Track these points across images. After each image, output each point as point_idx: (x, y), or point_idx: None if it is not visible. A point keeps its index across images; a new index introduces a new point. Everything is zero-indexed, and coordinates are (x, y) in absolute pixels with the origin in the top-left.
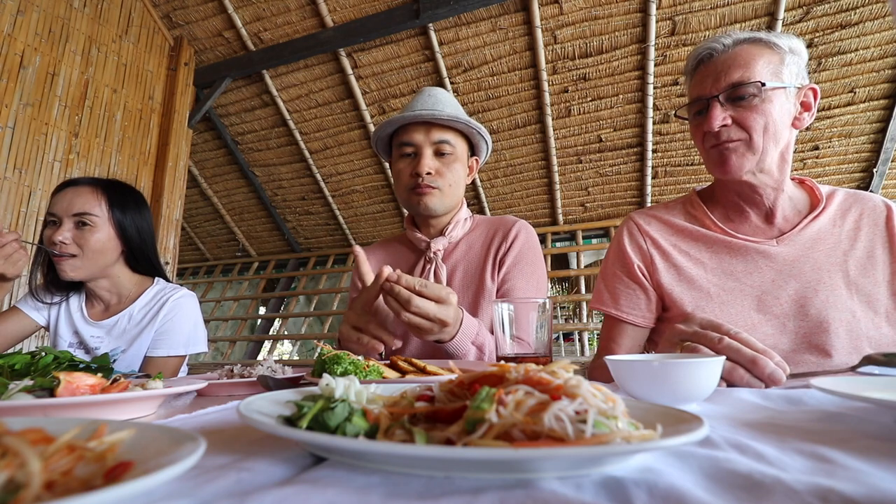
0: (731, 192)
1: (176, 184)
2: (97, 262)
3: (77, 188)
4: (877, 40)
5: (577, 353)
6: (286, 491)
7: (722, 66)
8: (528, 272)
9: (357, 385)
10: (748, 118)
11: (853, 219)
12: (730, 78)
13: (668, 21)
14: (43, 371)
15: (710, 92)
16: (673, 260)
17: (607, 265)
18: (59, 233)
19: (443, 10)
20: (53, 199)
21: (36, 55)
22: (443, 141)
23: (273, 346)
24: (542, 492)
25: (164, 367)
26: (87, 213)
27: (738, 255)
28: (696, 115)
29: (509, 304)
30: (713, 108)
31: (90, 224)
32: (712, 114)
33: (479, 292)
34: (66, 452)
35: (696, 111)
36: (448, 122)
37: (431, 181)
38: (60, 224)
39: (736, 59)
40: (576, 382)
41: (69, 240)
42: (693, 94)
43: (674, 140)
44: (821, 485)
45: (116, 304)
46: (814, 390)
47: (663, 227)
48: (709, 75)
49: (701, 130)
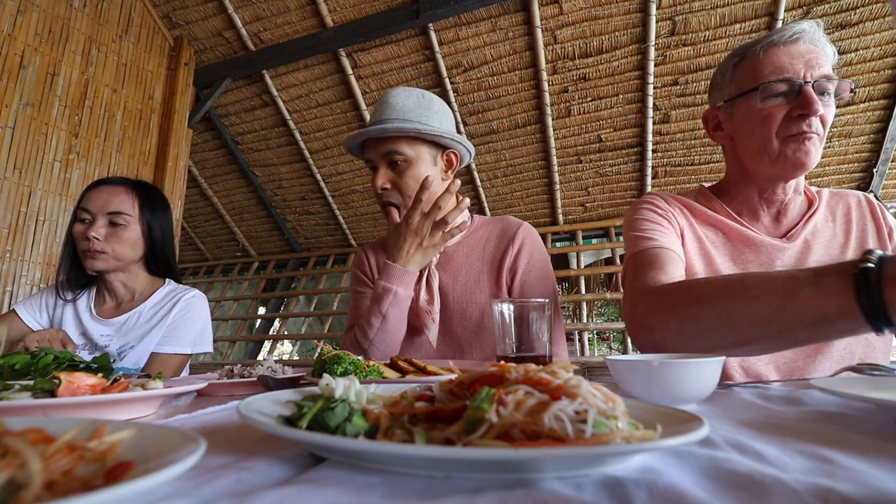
0: (753, 190)
1: (176, 184)
2: (123, 259)
3: (112, 187)
4: (877, 40)
5: (577, 353)
6: (286, 491)
7: (811, 54)
8: (543, 276)
9: (357, 385)
10: (829, 114)
11: (842, 214)
12: (822, 69)
13: (668, 21)
14: (43, 371)
15: (804, 77)
16: (696, 232)
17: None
18: (92, 229)
19: (443, 10)
20: (87, 196)
21: (36, 55)
22: (390, 152)
23: (273, 346)
24: (542, 492)
25: (169, 363)
26: (121, 212)
27: (753, 247)
28: (774, 98)
29: (509, 303)
30: (810, 91)
31: (123, 223)
32: (813, 98)
33: (486, 296)
34: (67, 452)
35: (775, 92)
36: (380, 135)
37: (389, 196)
38: (94, 221)
39: (820, 51)
40: (576, 382)
41: (102, 236)
42: (777, 73)
43: (674, 140)
44: (821, 485)
45: (129, 301)
46: (814, 390)
47: (683, 207)
48: (798, 58)
49: (779, 114)
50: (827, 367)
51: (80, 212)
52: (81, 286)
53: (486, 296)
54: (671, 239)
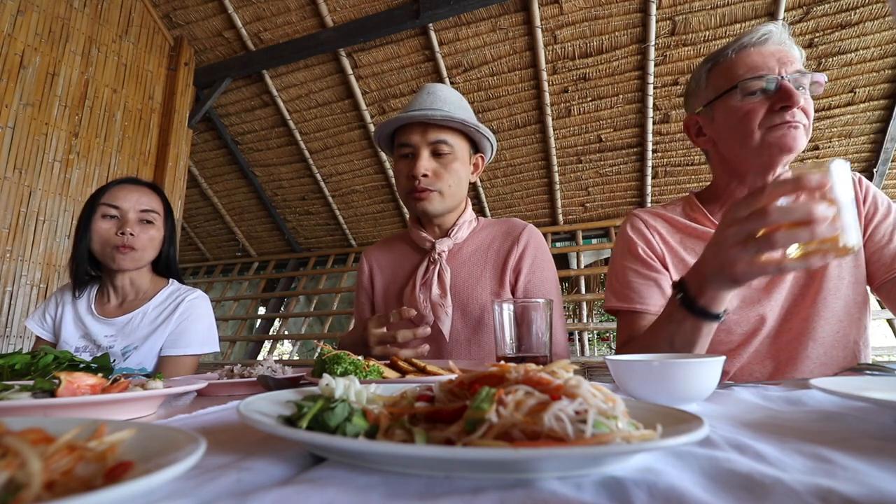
0: (742, 191)
1: (176, 184)
2: (149, 258)
3: (140, 186)
4: (877, 40)
5: (577, 353)
6: (286, 491)
7: (781, 52)
8: (546, 277)
9: (357, 385)
10: (809, 107)
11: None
12: (795, 65)
13: (668, 21)
14: (43, 371)
15: (780, 72)
16: (680, 255)
17: (616, 261)
18: (128, 226)
19: (443, 10)
20: (113, 193)
21: (36, 55)
22: (439, 141)
23: (273, 346)
24: (542, 492)
25: (182, 365)
26: (153, 210)
27: None
28: (750, 97)
29: (509, 303)
30: (788, 86)
31: (153, 222)
32: (792, 90)
33: (488, 295)
34: (67, 452)
35: (752, 91)
36: (442, 122)
37: (429, 183)
38: (124, 217)
39: (790, 49)
40: (576, 382)
41: (137, 233)
42: (752, 73)
43: (674, 140)
44: (821, 485)
45: (132, 300)
46: (814, 390)
47: (667, 224)
48: (770, 57)
49: (760, 109)
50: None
51: (104, 207)
52: (84, 284)
53: (488, 293)
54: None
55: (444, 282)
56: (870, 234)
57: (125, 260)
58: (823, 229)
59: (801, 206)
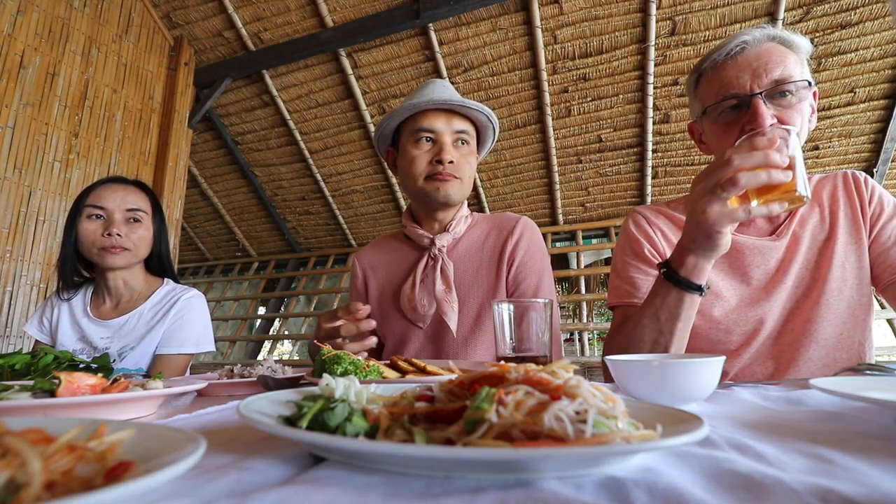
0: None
1: (176, 184)
2: (140, 256)
3: (126, 185)
4: (877, 40)
5: (577, 353)
6: (286, 491)
7: (759, 62)
8: (539, 269)
9: (357, 385)
10: (791, 117)
11: (828, 196)
12: (772, 74)
13: (668, 21)
14: (43, 371)
15: (751, 88)
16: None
17: (618, 258)
18: (115, 226)
19: (443, 10)
20: (98, 194)
21: (36, 55)
22: (463, 131)
23: (273, 346)
24: (542, 492)
25: (175, 364)
26: (140, 209)
27: (743, 252)
28: (729, 112)
29: (509, 303)
30: (758, 105)
31: (140, 220)
32: (760, 111)
33: (485, 290)
34: (67, 452)
35: (727, 108)
36: (469, 112)
37: (453, 170)
38: (110, 218)
39: (772, 54)
40: (576, 382)
41: (125, 233)
42: (724, 90)
43: (674, 140)
44: (821, 485)
45: (127, 301)
46: (814, 390)
47: (669, 222)
48: (745, 70)
49: (734, 129)
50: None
51: (89, 209)
52: (76, 286)
53: (485, 291)
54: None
55: (448, 276)
56: (876, 235)
57: (116, 259)
58: (780, 175)
59: (759, 153)
